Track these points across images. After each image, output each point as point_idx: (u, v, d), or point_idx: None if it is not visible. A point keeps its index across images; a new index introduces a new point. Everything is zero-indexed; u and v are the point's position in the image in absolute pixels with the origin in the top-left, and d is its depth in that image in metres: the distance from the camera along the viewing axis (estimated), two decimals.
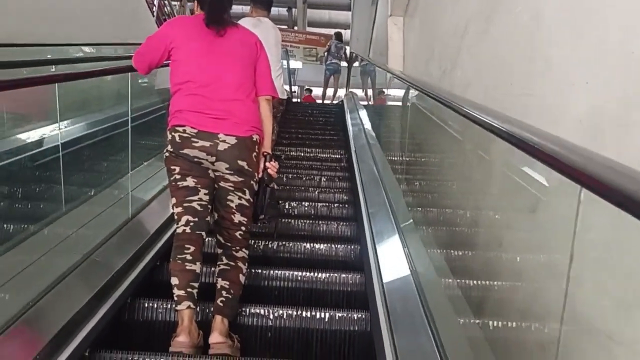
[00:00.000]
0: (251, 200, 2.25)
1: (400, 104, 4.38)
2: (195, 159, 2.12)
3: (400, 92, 4.33)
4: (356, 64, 11.24)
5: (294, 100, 12.90)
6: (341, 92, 12.40)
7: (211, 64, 2.19)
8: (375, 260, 2.59)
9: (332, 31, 17.96)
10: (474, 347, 1.82)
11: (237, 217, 2.21)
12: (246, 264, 2.21)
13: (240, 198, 2.20)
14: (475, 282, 2.10)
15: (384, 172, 3.90)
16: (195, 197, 2.15)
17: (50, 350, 1.72)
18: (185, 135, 2.12)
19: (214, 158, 2.13)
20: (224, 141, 2.13)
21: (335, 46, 12.09)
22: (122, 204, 3.01)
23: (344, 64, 12.32)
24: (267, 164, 2.32)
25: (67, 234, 2.50)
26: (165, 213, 3.03)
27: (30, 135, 3.48)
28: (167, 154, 2.17)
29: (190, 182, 2.14)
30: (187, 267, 2.11)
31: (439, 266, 2.41)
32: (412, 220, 2.89)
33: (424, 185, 3.45)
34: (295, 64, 15.43)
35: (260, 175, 2.31)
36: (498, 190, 2.13)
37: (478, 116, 1.71)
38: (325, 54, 12.50)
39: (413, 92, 3.50)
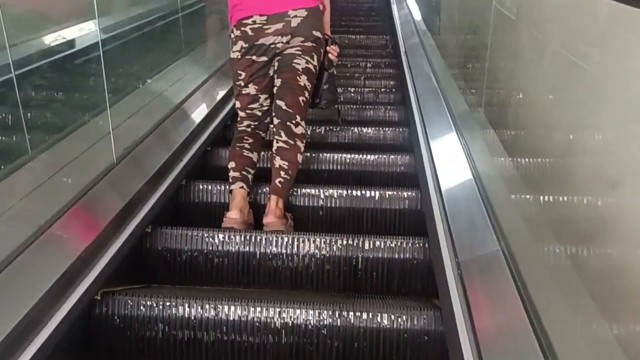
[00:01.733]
0: (317, 68, 2.22)
1: None
2: (272, 46, 2.13)
3: None
4: None
5: None
6: None
7: None
8: (425, 141, 2.54)
9: None
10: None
11: (303, 80, 2.18)
12: (304, 142, 2.21)
13: (307, 62, 2.18)
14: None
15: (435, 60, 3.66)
16: (256, 104, 2.24)
17: (115, 226, 1.80)
18: (256, 25, 2.10)
19: (289, 36, 2.12)
20: (295, 17, 2.10)
21: None
22: (170, 93, 3.01)
23: None
24: (328, 47, 2.28)
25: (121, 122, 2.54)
26: (214, 100, 3.03)
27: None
28: (234, 55, 2.19)
29: (252, 89, 2.21)
30: (245, 154, 2.23)
31: (493, 144, 2.34)
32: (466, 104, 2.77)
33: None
34: None
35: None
36: None
37: None
38: None
39: None
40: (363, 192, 2.29)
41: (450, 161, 2.29)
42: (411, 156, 2.65)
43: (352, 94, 3.78)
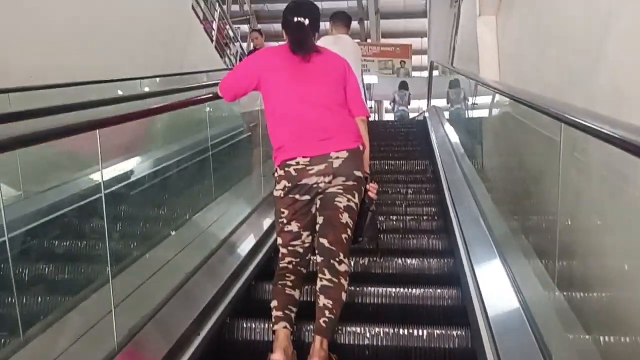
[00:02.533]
0: (358, 205, 2.26)
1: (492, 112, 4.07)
2: (314, 185, 2.20)
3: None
4: (436, 72, 10.89)
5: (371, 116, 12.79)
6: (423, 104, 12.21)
7: (303, 90, 2.24)
8: (471, 273, 2.49)
9: (408, 41, 17.57)
10: None
11: (345, 217, 2.21)
12: (347, 279, 2.20)
13: (349, 200, 2.22)
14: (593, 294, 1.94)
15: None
16: (298, 242, 2.28)
17: None
18: (299, 166, 2.19)
19: (330, 177, 2.19)
20: (337, 158, 2.19)
21: (398, 95, 12.07)
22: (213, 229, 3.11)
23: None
24: (368, 185, 2.34)
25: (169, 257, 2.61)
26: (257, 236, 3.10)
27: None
28: (277, 193, 2.26)
29: (294, 226, 2.25)
30: (287, 292, 2.21)
31: (544, 278, 2.28)
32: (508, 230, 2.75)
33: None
34: (370, 78, 14.81)
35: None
36: None
37: None
38: (392, 103, 12.39)
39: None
40: (410, 330, 2.23)
41: (498, 294, 2.23)
42: (458, 289, 2.59)
43: (394, 222, 3.80)
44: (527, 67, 3.88)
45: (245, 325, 2.34)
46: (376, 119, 18.48)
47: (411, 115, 13.31)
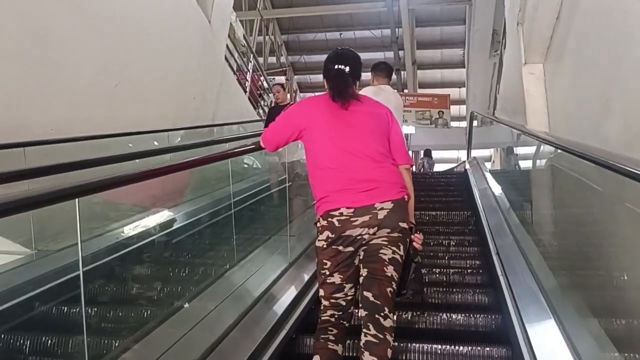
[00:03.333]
0: (403, 257, 2.21)
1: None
2: (358, 237, 2.16)
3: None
4: (475, 122, 10.84)
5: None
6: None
7: (346, 139, 2.23)
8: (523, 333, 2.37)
9: (445, 91, 17.61)
10: None
11: (390, 270, 2.15)
12: (393, 335, 2.12)
13: (394, 252, 2.17)
14: None
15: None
16: (341, 294, 2.23)
17: None
18: (343, 217, 2.16)
19: (375, 228, 2.15)
20: (382, 209, 2.15)
21: (427, 162, 12.27)
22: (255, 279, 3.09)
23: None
24: (413, 236, 2.29)
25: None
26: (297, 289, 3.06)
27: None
28: (319, 244, 2.22)
29: (337, 278, 2.21)
30: (330, 346, 2.16)
31: (598, 336, 2.16)
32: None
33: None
34: (407, 128, 14.60)
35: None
36: None
37: None
38: (422, 169, 12.55)
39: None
40: None
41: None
42: (508, 349, 2.47)
43: (438, 275, 3.70)
44: (584, 119, 3.57)
45: None
46: (414, 169, 18.46)
47: (450, 166, 13.26)
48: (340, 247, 2.18)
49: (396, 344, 2.54)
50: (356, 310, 2.39)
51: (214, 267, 3.43)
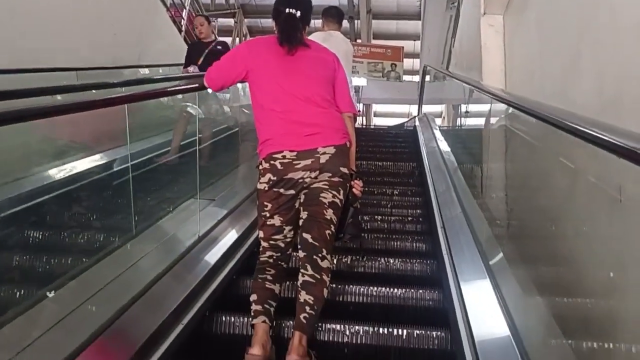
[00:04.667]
0: (342, 202, 2.25)
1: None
2: (300, 180, 2.18)
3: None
4: (428, 78, 10.85)
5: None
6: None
7: (291, 83, 2.22)
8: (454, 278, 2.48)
9: (400, 43, 17.44)
10: None
11: (329, 214, 2.20)
12: (329, 276, 2.18)
13: (334, 196, 2.20)
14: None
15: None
16: (280, 236, 2.25)
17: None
18: (286, 161, 2.17)
19: (317, 172, 2.18)
20: (324, 153, 2.17)
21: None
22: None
23: None
24: (352, 182, 2.33)
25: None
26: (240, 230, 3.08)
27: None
28: (261, 187, 2.23)
29: (277, 220, 2.23)
30: (267, 286, 2.20)
31: (522, 280, 2.29)
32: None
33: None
34: (359, 80, 14.13)
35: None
36: None
37: None
38: None
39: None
40: (390, 329, 2.22)
41: (480, 300, 2.23)
42: (439, 292, 2.59)
43: (379, 222, 3.80)
44: (545, 78, 3.28)
45: (224, 319, 2.31)
46: (364, 124, 18.27)
47: (400, 121, 13.16)
48: (282, 190, 2.20)
49: (334, 285, 2.62)
50: (295, 253, 2.44)
51: (152, 211, 3.38)
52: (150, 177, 3.77)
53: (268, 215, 2.23)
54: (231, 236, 2.95)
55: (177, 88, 2.46)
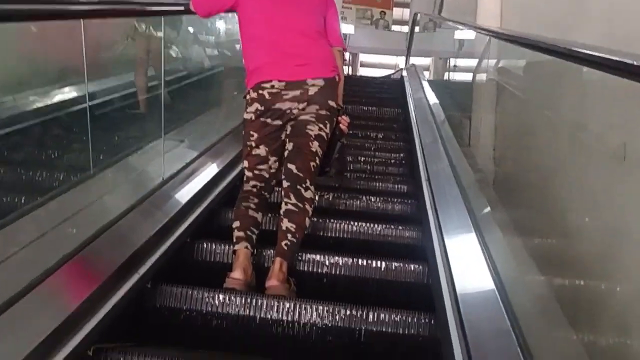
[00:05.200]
0: (329, 136, 2.24)
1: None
2: (287, 111, 2.16)
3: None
4: (417, 28, 10.65)
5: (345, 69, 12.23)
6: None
7: (283, 14, 2.20)
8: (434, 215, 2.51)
9: None
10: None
11: (315, 146, 2.20)
12: (312, 206, 2.20)
13: (320, 129, 2.20)
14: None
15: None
16: (265, 166, 2.25)
17: (115, 280, 1.76)
18: (274, 90, 2.15)
19: (305, 103, 2.16)
20: (313, 85, 2.16)
21: None
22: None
23: None
24: (340, 118, 2.33)
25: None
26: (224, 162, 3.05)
27: None
28: (247, 116, 2.21)
29: (262, 150, 2.22)
30: (250, 214, 2.21)
31: (502, 221, 2.33)
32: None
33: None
34: (347, 27, 13.44)
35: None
36: None
37: None
38: None
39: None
40: (369, 261, 2.25)
41: (459, 238, 2.27)
42: (419, 229, 2.62)
43: (362, 164, 3.81)
44: (551, 26, 3.10)
45: (205, 246, 2.32)
46: (350, 73, 18.00)
47: (387, 72, 12.94)
48: (269, 120, 2.19)
49: (315, 219, 2.64)
50: (277, 188, 2.44)
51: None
52: (111, 117, 3.62)
53: (254, 144, 2.22)
54: (198, 180, 2.76)
55: (155, 8, 2.32)
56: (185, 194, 2.49)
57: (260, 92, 2.16)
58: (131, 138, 3.23)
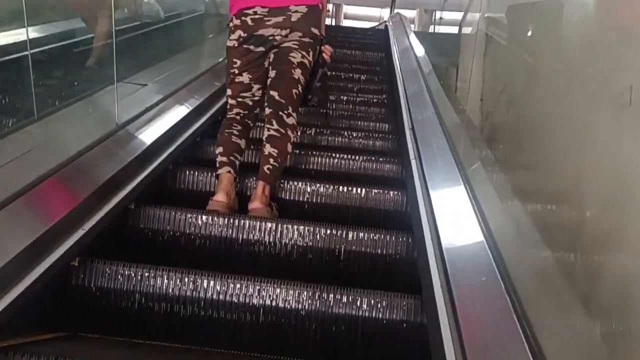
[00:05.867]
0: (311, 64, 2.25)
1: None
2: (270, 38, 2.15)
3: None
4: None
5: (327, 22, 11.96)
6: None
7: None
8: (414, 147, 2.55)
9: None
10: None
11: (297, 73, 2.20)
12: (294, 133, 2.23)
13: (303, 57, 2.20)
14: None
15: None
16: (248, 94, 2.25)
17: (98, 198, 1.77)
18: (257, 16, 2.13)
19: (288, 30, 2.15)
20: (296, 12, 2.14)
21: None
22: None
23: None
24: (323, 47, 2.34)
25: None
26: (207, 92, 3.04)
27: None
28: (230, 44, 2.20)
29: (245, 77, 2.21)
30: (233, 140, 2.23)
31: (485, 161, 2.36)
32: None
33: None
34: None
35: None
36: None
37: None
38: None
39: None
40: (349, 188, 2.30)
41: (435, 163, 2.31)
42: (399, 161, 2.67)
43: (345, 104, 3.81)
44: None
45: (188, 173, 2.34)
46: (334, 24, 17.63)
47: (371, 25, 12.71)
48: (252, 47, 2.18)
49: (297, 151, 2.67)
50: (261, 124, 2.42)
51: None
52: (62, 58, 3.43)
53: (237, 72, 2.22)
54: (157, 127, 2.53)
55: None
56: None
57: (243, 18, 2.15)
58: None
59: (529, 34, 2.14)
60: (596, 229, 1.08)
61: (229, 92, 2.27)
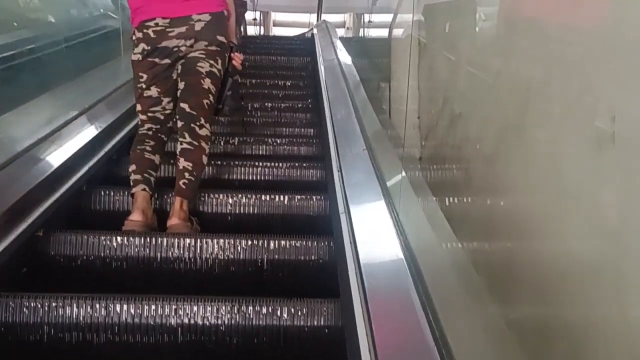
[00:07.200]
0: (221, 72, 2.22)
1: None
2: (175, 49, 2.11)
3: None
4: None
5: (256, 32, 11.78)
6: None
7: None
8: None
9: None
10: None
11: (207, 83, 2.16)
12: (209, 144, 2.19)
13: (211, 66, 2.16)
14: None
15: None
16: (159, 107, 2.20)
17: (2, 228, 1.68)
18: (159, 28, 2.09)
19: (192, 40, 2.11)
20: (199, 20, 2.11)
21: None
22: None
23: None
24: (232, 54, 2.31)
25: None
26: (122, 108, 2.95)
27: None
28: (135, 57, 2.15)
29: (154, 91, 2.16)
30: (147, 156, 2.17)
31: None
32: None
33: None
34: None
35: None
36: None
37: None
38: None
39: None
40: (272, 196, 2.29)
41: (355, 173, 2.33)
42: (322, 166, 2.68)
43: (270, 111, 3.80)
44: None
45: (103, 193, 2.25)
46: (261, 33, 17.24)
47: (301, 31, 12.69)
48: (157, 60, 2.13)
49: (220, 162, 2.63)
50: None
51: None
52: None
53: (144, 86, 2.16)
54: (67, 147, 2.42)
55: None
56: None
57: (145, 31, 2.10)
58: None
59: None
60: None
61: (138, 107, 2.21)
